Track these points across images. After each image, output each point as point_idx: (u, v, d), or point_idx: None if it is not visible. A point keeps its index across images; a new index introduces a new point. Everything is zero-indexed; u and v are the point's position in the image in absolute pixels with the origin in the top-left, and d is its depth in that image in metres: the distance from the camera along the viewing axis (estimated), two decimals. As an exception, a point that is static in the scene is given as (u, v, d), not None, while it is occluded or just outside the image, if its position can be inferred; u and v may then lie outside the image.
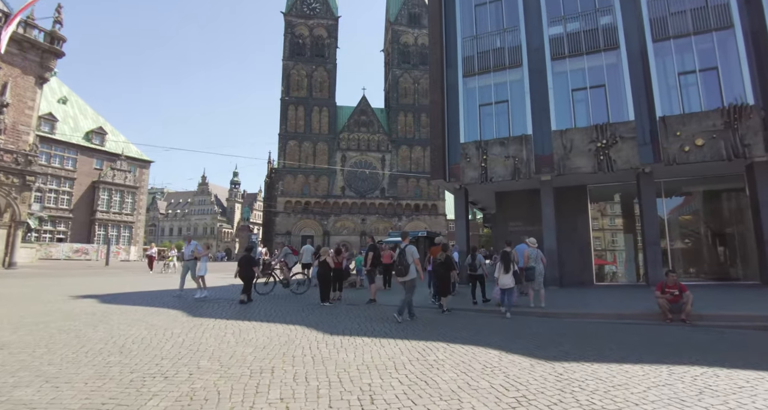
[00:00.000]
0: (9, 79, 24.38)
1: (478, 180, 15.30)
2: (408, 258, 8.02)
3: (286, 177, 59.74)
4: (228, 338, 6.07)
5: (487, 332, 7.10)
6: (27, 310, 8.11)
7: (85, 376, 4.14)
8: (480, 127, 15.68)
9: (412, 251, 8.15)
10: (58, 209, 42.78)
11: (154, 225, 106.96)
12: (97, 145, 46.94)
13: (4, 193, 22.70)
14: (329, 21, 66.15)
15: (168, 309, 8.84)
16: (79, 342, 5.56)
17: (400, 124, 63.34)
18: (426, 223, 58.65)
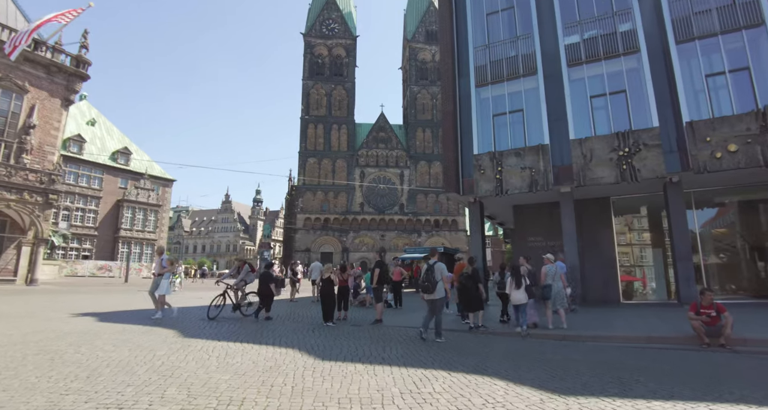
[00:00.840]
0: (37, 101, 25.26)
1: (493, 192, 14.64)
2: (436, 276, 7.68)
3: (306, 194, 60.01)
4: (210, 361, 5.60)
5: (498, 357, 6.41)
6: (19, 328, 7.86)
7: (33, 406, 3.72)
8: (494, 138, 15.09)
9: (441, 268, 7.80)
10: (84, 227, 43.89)
11: (178, 243, 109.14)
12: (122, 165, 48.27)
13: (28, 211, 23.24)
14: (348, 41, 67.21)
15: (163, 328, 8.47)
16: (51, 365, 5.18)
17: (418, 140, 63.14)
18: (446, 239, 57.60)
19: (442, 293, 7.75)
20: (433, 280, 7.65)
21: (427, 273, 7.76)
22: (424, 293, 7.77)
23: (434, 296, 7.68)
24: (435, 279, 7.66)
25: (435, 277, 7.68)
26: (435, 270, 7.75)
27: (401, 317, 11.38)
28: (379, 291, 10.11)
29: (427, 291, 7.69)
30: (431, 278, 7.67)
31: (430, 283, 7.63)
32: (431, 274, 7.71)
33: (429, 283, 7.64)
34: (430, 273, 7.74)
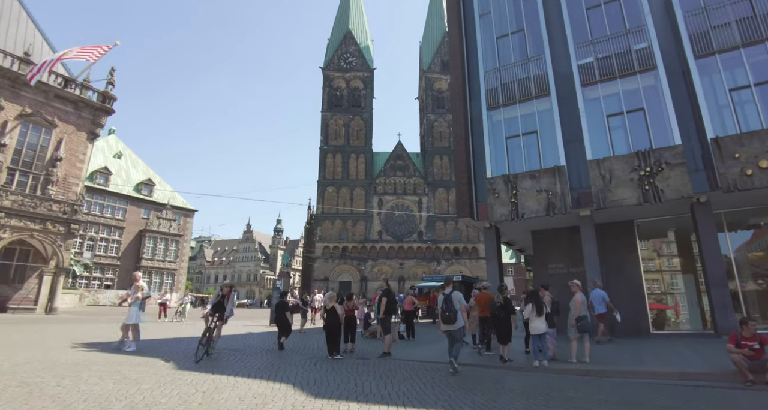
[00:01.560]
0: (64, 135, 26.31)
1: (509, 217, 14.08)
2: (455, 305, 7.48)
3: (325, 222, 60.08)
4: (195, 397, 5.19)
5: (510, 395, 5.78)
6: (13, 358, 7.62)
7: (-18, 449, 3.38)
8: (508, 161, 14.66)
9: (459, 298, 7.62)
10: (107, 256, 44.69)
11: (200, 273, 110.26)
12: (145, 196, 49.51)
13: (51, 241, 23.73)
14: (365, 73, 68.84)
15: (158, 359, 8.12)
16: (26, 399, 4.86)
17: (436, 167, 63.03)
18: (466, 267, 56.27)
19: (462, 323, 7.55)
20: (454, 310, 7.44)
21: (447, 303, 7.52)
22: (445, 323, 7.51)
23: (454, 327, 7.46)
24: (455, 309, 7.46)
25: (455, 307, 7.47)
26: (453, 300, 7.53)
27: (412, 350, 10.74)
28: (386, 322, 9.56)
29: (448, 321, 7.44)
30: (452, 308, 7.45)
31: (452, 313, 7.41)
32: (450, 304, 7.48)
33: (450, 313, 7.42)
34: (449, 302, 7.51)
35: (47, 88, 25.72)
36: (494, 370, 7.94)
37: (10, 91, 24.39)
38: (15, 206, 22.48)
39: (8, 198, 22.38)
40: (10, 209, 22.25)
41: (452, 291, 7.72)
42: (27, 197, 23.25)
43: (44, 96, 25.65)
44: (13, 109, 24.36)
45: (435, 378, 6.96)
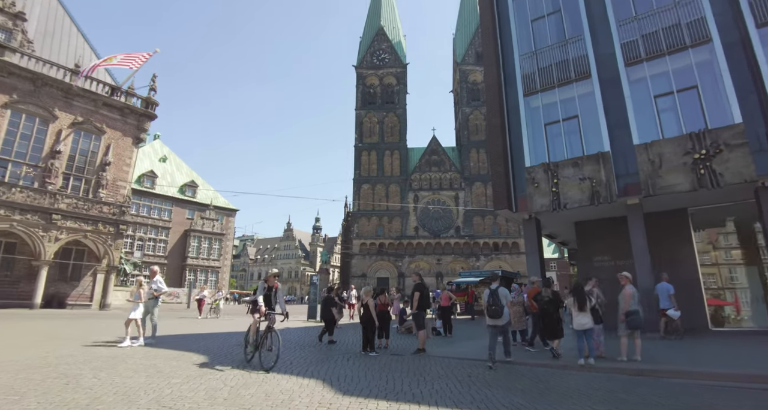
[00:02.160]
0: (112, 141, 27.65)
1: (550, 207, 13.37)
2: (501, 300, 7.64)
3: (361, 219, 60.34)
4: (221, 393, 5.10)
5: (553, 396, 5.34)
6: (59, 350, 7.91)
7: (8, 440, 3.38)
8: (548, 148, 13.92)
9: (505, 293, 7.83)
10: (155, 255, 46.83)
11: (244, 271, 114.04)
12: (189, 197, 51.46)
13: (102, 241, 25.02)
14: (398, 69, 68.41)
15: (192, 353, 8.20)
16: (61, 390, 4.93)
17: (472, 161, 61.76)
18: (507, 263, 54.87)
19: (507, 318, 7.78)
20: (500, 304, 7.56)
21: (493, 298, 7.66)
22: (491, 318, 7.66)
23: (500, 321, 7.62)
24: (501, 304, 7.59)
25: (501, 302, 7.60)
26: (500, 295, 7.66)
27: (448, 347, 10.38)
28: (420, 318, 9.24)
29: (495, 316, 7.59)
30: (498, 302, 7.57)
31: (498, 307, 7.54)
32: (497, 298, 7.62)
33: (497, 307, 7.55)
34: (495, 297, 7.64)
35: (96, 97, 27.09)
36: (537, 369, 7.46)
37: (63, 102, 25.86)
38: (70, 208, 23.83)
39: (64, 201, 23.75)
40: (66, 211, 23.60)
41: (499, 286, 7.83)
42: (80, 200, 24.59)
43: (93, 104, 27.03)
44: (66, 118, 25.82)
45: (472, 376, 6.60)
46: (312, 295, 19.70)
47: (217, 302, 21.67)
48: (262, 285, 7.47)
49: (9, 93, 23.95)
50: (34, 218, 22.43)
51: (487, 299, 7.74)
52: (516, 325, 10.23)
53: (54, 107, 25.39)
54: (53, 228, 22.92)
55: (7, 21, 25.83)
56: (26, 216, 22.19)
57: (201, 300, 21.35)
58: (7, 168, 23.42)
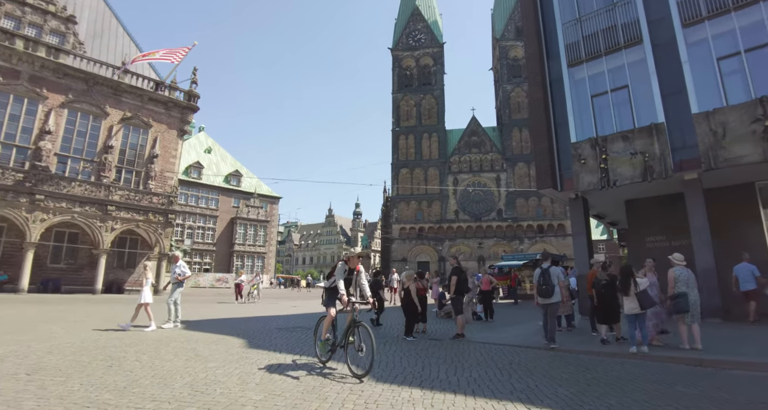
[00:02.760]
0: (158, 134, 28.81)
1: (598, 185, 12.53)
2: (553, 279, 7.64)
3: (400, 204, 60.17)
4: (253, 377, 5.08)
5: (602, 387, 4.93)
6: (109, 334, 8.30)
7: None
8: (595, 122, 12.99)
9: (557, 273, 7.83)
10: (204, 243, 49.01)
11: (289, 256, 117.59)
12: (234, 186, 53.18)
13: (153, 230, 26.35)
14: (434, 49, 66.74)
15: (234, 337, 8.36)
16: (104, 372, 5.09)
17: (514, 141, 59.68)
18: (552, 245, 53.06)
19: (559, 297, 7.74)
20: (551, 283, 7.56)
21: (544, 277, 7.66)
22: (541, 297, 7.68)
23: (551, 300, 7.59)
24: (552, 283, 7.58)
25: (552, 281, 7.59)
26: (551, 275, 7.66)
27: (488, 332, 10.04)
28: (458, 302, 8.94)
29: (545, 295, 7.60)
30: (549, 282, 7.58)
31: (549, 287, 7.55)
32: (548, 278, 7.62)
33: (548, 287, 7.56)
34: (546, 276, 7.64)
35: (142, 92, 28.21)
36: (583, 356, 7.00)
37: (113, 99, 27.13)
38: (123, 200, 25.18)
39: (117, 193, 25.11)
40: (119, 203, 24.97)
41: (550, 266, 7.79)
42: (132, 191, 25.91)
43: (140, 100, 28.19)
44: (116, 114, 27.10)
45: (513, 363, 6.27)
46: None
47: (256, 286, 21.60)
48: (342, 267, 5.88)
49: (65, 93, 25.37)
50: (92, 209, 23.88)
51: (538, 278, 7.73)
52: (561, 309, 9.75)
53: (105, 104, 26.69)
54: (109, 218, 24.33)
55: (60, 25, 27.23)
56: (85, 208, 23.66)
57: (239, 285, 21.41)
58: (66, 164, 24.99)
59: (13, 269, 21.91)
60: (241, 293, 21.11)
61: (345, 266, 5.89)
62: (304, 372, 5.38)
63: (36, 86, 24.46)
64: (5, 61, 23.71)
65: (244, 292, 21.13)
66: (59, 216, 22.87)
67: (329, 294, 6.05)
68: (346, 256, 6.06)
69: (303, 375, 5.26)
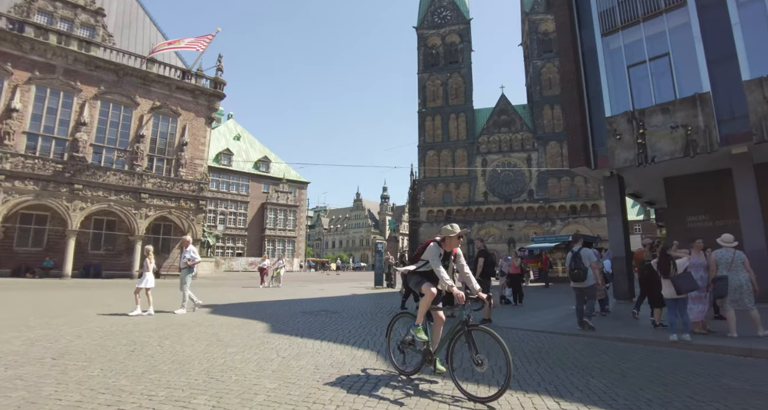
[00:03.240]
0: (186, 122, 29.33)
1: (635, 161, 11.77)
2: (584, 262, 7.45)
3: (427, 187, 59.58)
4: (271, 364, 5.00)
5: (639, 380, 4.58)
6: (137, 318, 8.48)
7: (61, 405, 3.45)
8: (631, 94, 12.14)
9: (588, 255, 7.59)
10: (236, 228, 50.23)
11: (319, 240, 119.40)
12: (263, 172, 53.97)
13: (185, 216, 27.07)
14: (461, 26, 64.69)
15: (258, 321, 8.38)
16: (126, 358, 5.13)
17: (545, 119, 57.58)
18: (585, 227, 51.43)
19: (592, 281, 7.51)
20: (583, 267, 7.39)
21: (575, 260, 7.48)
22: (574, 281, 7.55)
23: (584, 284, 7.44)
24: (584, 266, 7.40)
25: (584, 264, 7.42)
26: (582, 257, 7.48)
27: (517, 317, 9.71)
28: (484, 286, 8.62)
29: (577, 279, 7.46)
30: (581, 265, 7.40)
31: (581, 270, 7.39)
32: (579, 261, 7.44)
33: (579, 270, 7.40)
34: (577, 260, 7.47)
35: (170, 82, 28.67)
36: (619, 344, 6.60)
37: (143, 89, 27.73)
38: (155, 187, 25.90)
39: (149, 181, 25.84)
40: (152, 190, 25.71)
41: (581, 248, 7.61)
42: (163, 179, 26.62)
43: (168, 89, 28.68)
44: (146, 103, 27.71)
45: (542, 350, 5.97)
46: (378, 262, 19.74)
47: (278, 271, 21.12)
48: (436, 249, 4.42)
49: (97, 85, 26.09)
50: (127, 197, 24.70)
51: (570, 262, 7.55)
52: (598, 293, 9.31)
53: (135, 94, 27.31)
54: (143, 206, 25.12)
55: (89, 18, 27.81)
56: (120, 196, 24.49)
57: (263, 269, 21.38)
58: (102, 153, 25.87)
59: (58, 255, 23.06)
60: (263, 278, 21.13)
61: (439, 249, 4.41)
62: (322, 360, 5.26)
63: (70, 79, 25.23)
64: (41, 56, 24.50)
65: (266, 277, 21.18)
66: (96, 204, 23.77)
67: (418, 280, 4.60)
68: (442, 236, 4.50)
69: (322, 362, 5.14)
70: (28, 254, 23.34)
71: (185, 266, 9.84)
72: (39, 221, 23.86)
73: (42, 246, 23.89)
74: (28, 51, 24.12)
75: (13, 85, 23.54)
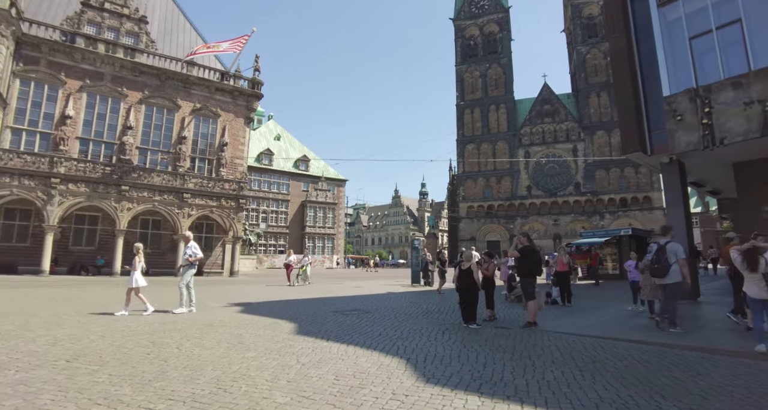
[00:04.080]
0: (226, 123, 29.88)
1: (699, 144, 10.45)
2: (669, 257, 6.91)
3: (467, 182, 58.17)
4: (288, 372, 4.55)
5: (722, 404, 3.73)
6: (164, 316, 8.36)
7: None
8: (694, 69, 10.77)
9: (675, 250, 7.00)
10: (278, 226, 51.13)
11: (359, 237, 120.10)
12: (302, 171, 54.60)
13: (226, 215, 27.58)
14: (500, 14, 62.60)
15: (287, 321, 8.01)
16: (140, 361, 4.85)
17: (592, 107, 54.58)
18: (637, 220, 48.27)
19: (677, 277, 6.87)
20: (665, 262, 6.89)
21: (658, 254, 7.03)
22: (655, 277, 7.16)
23: (666, 280, 6.95)
24: (667, 262, 6.88)
25: (668, 259, 6.89)
26: (668, 252, 6.95)
27: (565, 319, 8.81)
28: (529, 286, 7.81)
29: (657, 274, 7.03)
30: (662, 259, 6.93)
31: (661, 265, 6.92)
32: (663, 255, 6.96)
33: (660, 265, 6.94)
34: (661, 254, 6.99)
35: (209, 84, 29.29)
36: (690, 354, 5.66)
37: (184, 92, 28.48)
38: (197, 187, 26.51)
39: (191, 181, 26.47)
40: (194, 190, 26.33)
41: (668, 242, 7.12)
42: (204, 179, 27.21)
43: (207, 91, 29.31)
44: (187, 106, 28.45)
45: (597, 361, 5.16)
46: (414, 259, 19.06)
47: (304, 268, 19.36)
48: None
49: (142, 90, 27.02)
50: (170, 197, 25.42)
51: (652, 255, 7.13)
52: (648, 294, 8.31)
53: (176, 97, 28.08)
54: (185, 205, 25.77)
55: (133, 26, 28.83)
56: (163, 196, 25.24)
57: (288, 266, 19.23)
58: (146, 156, 26.81)
59: (108, 254, 24.09)
60: (289, 276, 18.95)
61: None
62: (345, 368, 4.75)
63: (117, 85, 26.27)
64: (90, 65, 25.65)
65: (292, 275, 18.91)
66: (142, 204, 24.61)
67: None
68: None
69: (344, 371, 4.62)
70: (82, 253, 24.56)
71: (186, 263, 9.19)
72: (91, 221, 25.04)
73: (95, 246, 25.07)
74: (79, 60, 25.30)
75: (67, 93, 24.77)
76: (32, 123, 23.92)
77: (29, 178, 22.03)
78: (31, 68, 24.00)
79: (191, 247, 9.29)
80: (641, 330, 7.27)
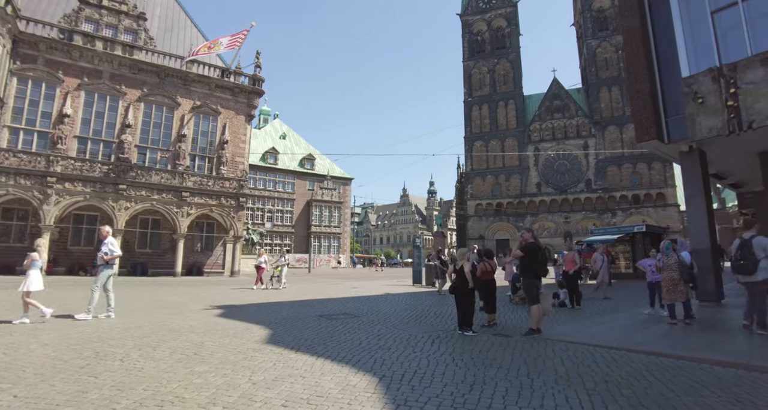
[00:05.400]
0: (227, 120, 29.33)
1: (724, 130, 9.43)
2: (757, 253, 6.38)
3: (475, 180, 57.06)
4: (228, 395, 3.77)
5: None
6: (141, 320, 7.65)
7: None
8: (717, 47, 9.76)
9: (763, 244, 6.43)
10: (283, 225, 50.59)
11: (367, 236, 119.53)
12: (308, 170, 53.99)
13: (226, 214, 27.02)
14: (507, 9, 61.35)
15: (262, 327, 7.24)
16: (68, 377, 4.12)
17: (603, 102, 53.10)
18: (650, 217, 46.77)
19: (765, 274, 6.34)
20: (753, 258, 6.39)
21: (743, 249, 6.55)
22: (740, 274, 6.63)
23: (754, 278, 6.43)
24: (755, 257, 6.37)
25: (755, 254, 6.38)
26: (754, 246, 6.46)
27: (575, 324, 7.90)
28: (533, 288, 6.92)
29: (743, 271, 6.50)
30: (748, 255, 6.44)
31: (748, 261, 6.42)
32: (748, 250, 6.48)
33: (746, 261, 6.44)
34: (746, 249, 6.52)
35: (209, 81, 28.76)
36: (723, 370, 4.75)
37: (183, 89, 27.99)
38: (196, 186, 25.99)
39: (191, 179, 25.95)
40: (193, 189, 25.81)
41: (753, 236, 6.58)
42: (204, 177, 26.69)
43: (207, 88, 28.79)
44: (187, 103, 27.95)
45: (609, 380, 4.28)
46: (416, 259, 18.18)
47: (280, 269, 16.70)
48: None
49: (140, 87, 26.58)
50: (168, 196, 24.92)
51: (736, 251, 6.61)
52: (671, 296, 7.40)
53: (176, 95, 27.59)
54: (184, 204, 25.26)
55: (132, 23, 28.40)
56: (162, 195, 24.75)
57: (260, 267, 16.93)
58: (145, 154, 26.35)
59: (106, 254, 23.64)
60: (261, 278, 16.73)
61: None
62: (301, 389, 3.95)
63: (116, 83, 25.84)
64: (88, 63, 25.26)
65: (265, 277, 16.97)
66: (140, 203, 24.14)
67: None
68: None
69: (299, 394, 3.83)
70: (81, 253, 24.15)
71: (101, 261, 8.00)
72: (90, 221, 24.64)
73: (94, 245, 24.59)
74: (77, 58, 24.91)
75: (65, 91, 24.39)
76: (30, 122, 23.58)
77: (25, 177, 21.68)
78: (28, 66, 23.66)
79: (108, 244, 8.14)
80: (661, 339, 6.36)
